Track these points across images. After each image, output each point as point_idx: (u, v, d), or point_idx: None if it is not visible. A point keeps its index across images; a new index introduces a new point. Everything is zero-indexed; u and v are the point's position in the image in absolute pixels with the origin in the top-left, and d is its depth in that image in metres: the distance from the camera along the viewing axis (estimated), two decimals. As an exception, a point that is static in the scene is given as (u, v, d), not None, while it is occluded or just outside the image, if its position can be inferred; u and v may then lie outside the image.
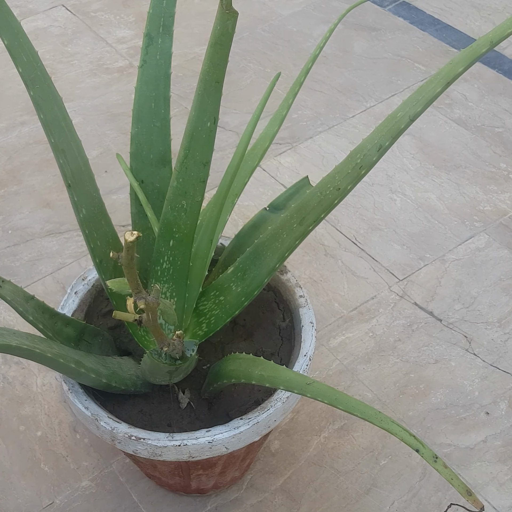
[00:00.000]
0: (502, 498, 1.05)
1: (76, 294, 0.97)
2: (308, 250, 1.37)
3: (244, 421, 0.84)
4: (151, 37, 0.89)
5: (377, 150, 0.75)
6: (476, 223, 1.41)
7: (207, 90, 0.73)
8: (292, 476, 1.08)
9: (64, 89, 1.69)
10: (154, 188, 0.93)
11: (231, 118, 1.63)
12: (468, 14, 1.89)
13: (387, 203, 1.45)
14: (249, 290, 0.87)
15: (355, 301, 1.29)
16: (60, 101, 0.77)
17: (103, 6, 1.95)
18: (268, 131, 0.93)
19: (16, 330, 0.74)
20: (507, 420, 1.13)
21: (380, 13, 1.90)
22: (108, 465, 1.09)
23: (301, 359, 0.89)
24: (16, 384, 1.19)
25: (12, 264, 1.36)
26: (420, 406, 1.15)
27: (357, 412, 0.66)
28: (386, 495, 1.06)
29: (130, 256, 0.65)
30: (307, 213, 0.81)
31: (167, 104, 0.91)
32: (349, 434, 1.12)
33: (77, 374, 0.81)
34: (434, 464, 0.61)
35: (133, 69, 1.76)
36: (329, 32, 0.87)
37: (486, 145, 1.55)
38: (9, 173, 1.53)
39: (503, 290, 1.30)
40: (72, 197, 0.80)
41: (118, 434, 0.83)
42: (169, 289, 0.89)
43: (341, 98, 1.67)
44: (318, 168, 1.51)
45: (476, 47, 0.70)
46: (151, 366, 0.80)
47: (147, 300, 0.69)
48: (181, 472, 0.95)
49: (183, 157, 0.78)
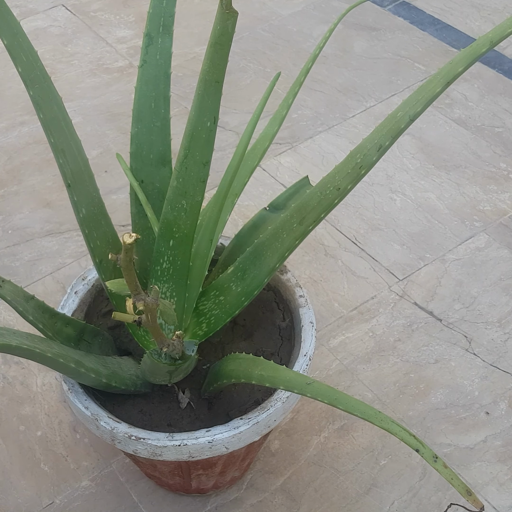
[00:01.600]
0: (502, 498, 1.05)
1: (76, 294, 0.97)
2: (308, 250, 1.37)
3: (244, 421, 0.84)
4: (151, 37, 0.89)
5: (377, 150, 0.75)
6: (476, 223, 1.41)
7: (207, 90, 0.73)
8: (292, 476, 1.08)
9: (64, 89, 1.69)
10: (154, 188, 0.93)
11: (231, 118, 1.63)
12: (468, 14, 1.89)
13: (387, 203, 1.45)
14: (249, 290, 0.87)
15: (355, 301, 1.29)
16: (60, 101, 0.77)
17: (103, 6, 1.95)
18: (268, 131, 0.93)
19: (16, 330, 0.74)
20: (507, 420, 1.13)
21: (380, 13, 1.90)
22: (108, 465, 1.09)
23: (301, 359, 0.89)
24: (16, 384, 1.19)
25: (12, 264, 1.36)
26: (420, 406, 1.15)
27: (357, 412, 0.66)
28: (386, 495, 1.06)
29: (128, 258, 0.65)
30: (307, 213, 0.81)
31: (167, 104, 0.91)
32: (349, 434, 1.12)
33: (77, 374, 0.81)
34: (434, 464, 0.61)
35: (133, 69, 1.76)
36: (329, 32, 0.87)
37: (486, 145, 1.55)
38: (9, 173, 1.53)
39: (503, 290, 1.30)
40: (72, 197, 0.80)
41: (118, 434, 0.83)
42: (169, 289, 0.89)
43: (341, 98, 1.67)
44: (318, 168, 1.51)
45: (476, 47, 0.70)
46: (151, 366, 0.80)
47: (146, 301, 0.68)
48: (181, 472, 0.95)
49: (183, 157, 0.78)
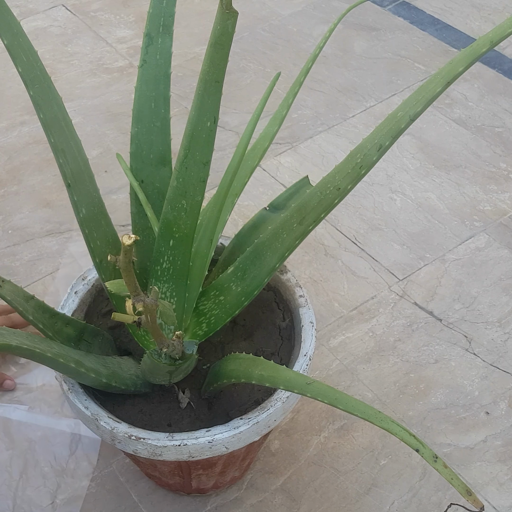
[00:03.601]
0: (502, 498, 1.05)
1: (76, 294, 0.97)
2: (308, 250, 1.37)
3: (244, 421, 0.84)
4: (151, 37, 0.89)
5: (377, 150, 0.75)
6: (476, 223, 1.41)
7: (207, 90, 0.73)
8: (292, 476, 1.08)
9: (64, 89, 1.69)
10: (154, 188, 0.93)
11: (231, 118, 1.63)
12: (468, 14, 1.89)
13: (387, 203, 1.45)
14: (249, 290, 0.87)
15: (355, 301, 1.29)
16: (60, 100, 0.77)
17: (103, 6, 1.95)
18: (268, 131, 0.93)
19: (16, 330, 0.74)
20: (507, 420, 1.13)
21: (380, 13, 1.90)
22: (108, 465, 1.09)
23: (301, 359, 0.89)
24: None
25: (12, 264, 1.36)
26: (420, 406, 1.15)
27: (357, 412, 0.66)
28: (386, 495, 1.06)
29: (127, 259, 0.65)
30: (307, 213, 0.81)
31: (167, 104, 0.91)
32: (349, 434, 1.12)
33: (77, 374, 0.81)
34: (434, 464, 0.61)
35: (133, 69, 1.76)
36: (329, 32, 0.87)
37: (486, 145, 1.55)
38: (9, 173, 1.53)
39: (503, 290, 1.30)
40: (72, 197, 0.80)
41: (118, 434, 0.83)
42: (169, 289, 0.89)
43: (341, 98, 1.67)
44: (318, 168, 1.51)
45: (476, 47, 0.70)
46: (151, 366, 0.80)
47: (146, 303, 0.68)
48: (181, 472, 0.95)
49: (183, 157, 0.78)
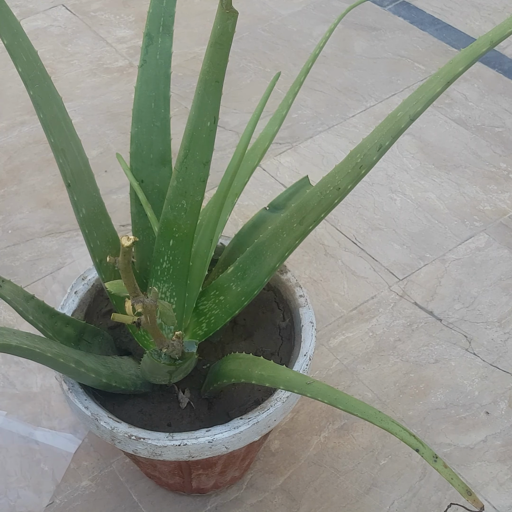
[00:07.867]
0: (502, 498, 1.05)
1: (76, 293, 0.97)
2: (308, 250, 1.37)
3: (244, 420, 0.84)
4: (151, 37, 0.89)
5: (377, 150, 0.75)
6: (476, 223, 1.41)
7: (207, 90, 0.73)
8: (292, 476, 1.08)
9: (64, 89, 1.69)
10: (154, 188, 0.93)
11: (231, 118, 1.63)
12: (468, 13, 1.89)
13: (387, 202, 1.45)
14: (249, 290, 0.87)
15: (355, 301, 1.29)
16: (60, 100, 0.77)
17: (103, 6, 1.95)
18: (268, 131, 0.93)
19: (16, 330, 0.74)
20: (507, 420, 1.13)
21: (380, 12, 1.90)
22: (108, 465, 1.09)
23: (301, 359, 0.89)
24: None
25: (12, 264, 1.36)
26: (420, 405, 1.15)
27: (357, 411, 0.66)
28: (386, 495, 1.06)
29: (127, 260, 0.65)
30: (307, 212, 0.81)
31: (167, 103, 0.91)
32: (349, 434, 1.12)
33: (77, 374, 0.81)
34: (434, 464, 0.61)
35: (133, 68, 1.76)
36: (329, 32, 0.87)
37: (486, 145, 1.55)
38: (9, 173, 1.53)
39: (503, 289, 1.30)
40: (72, 197, 0.80)
41: (118, 434, 0.83)
42: (169, 288, 0.89)
43: (341, 97, 1.67)
44: (318, 168, 1.51)
45: (476, 47, 0.70)
46: (151, 366, 0.80)
47: (145, 303, 0.68)
48: (181, 472, 0.95)
49: (183, 157, 0.78)
